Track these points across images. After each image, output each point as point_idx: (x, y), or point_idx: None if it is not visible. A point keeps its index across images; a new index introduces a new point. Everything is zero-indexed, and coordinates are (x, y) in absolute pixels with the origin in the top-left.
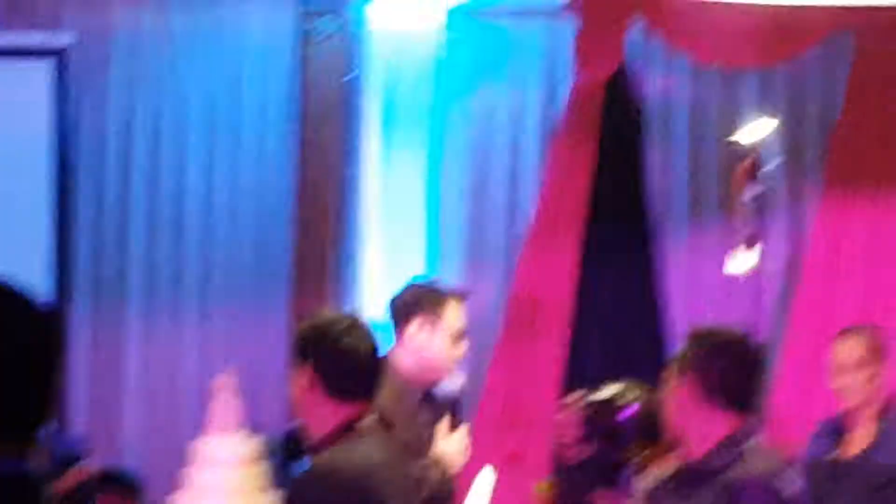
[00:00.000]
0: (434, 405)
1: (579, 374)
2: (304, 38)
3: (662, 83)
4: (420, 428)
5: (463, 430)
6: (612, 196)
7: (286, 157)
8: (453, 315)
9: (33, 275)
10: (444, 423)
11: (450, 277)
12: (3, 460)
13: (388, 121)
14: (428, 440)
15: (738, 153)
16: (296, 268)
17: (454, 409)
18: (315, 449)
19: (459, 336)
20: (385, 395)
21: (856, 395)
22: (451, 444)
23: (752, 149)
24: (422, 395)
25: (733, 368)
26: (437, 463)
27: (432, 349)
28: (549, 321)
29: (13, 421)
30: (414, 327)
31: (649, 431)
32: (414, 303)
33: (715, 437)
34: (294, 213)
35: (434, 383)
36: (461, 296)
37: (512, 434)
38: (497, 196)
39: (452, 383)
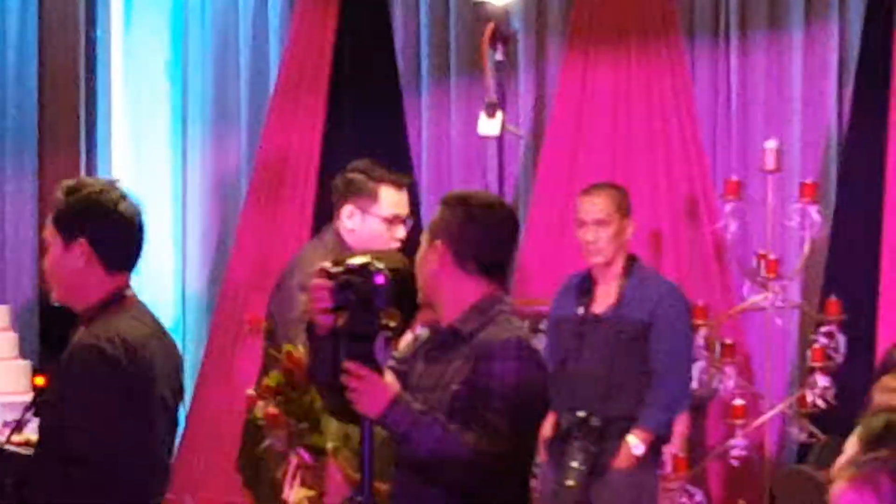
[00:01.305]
0: None
1: None
2: None
3: None
4: None
5: None
6: (358, 57)
7: (27, 23)
8: (386, 201)
9: None
10: None
11: (195, 142)
12: None
13: None
14: None
15: (482, 15)
16: (42, 133)
17: None
18: (87, 320)
19: (395, 220)
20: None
21: (602, 251)
22: None
23: (496, 12)
24: None
25: (485, 235)
26: None
27: (364, 234)
28: (296, 182)
29: None
30: (345, 212)
31: (403, 298)
32: (345, 189)
33: (466, 302)
34: (38, 78)
35: None
36: (397, 182)
37: (260, 295)
38: (241, 58)
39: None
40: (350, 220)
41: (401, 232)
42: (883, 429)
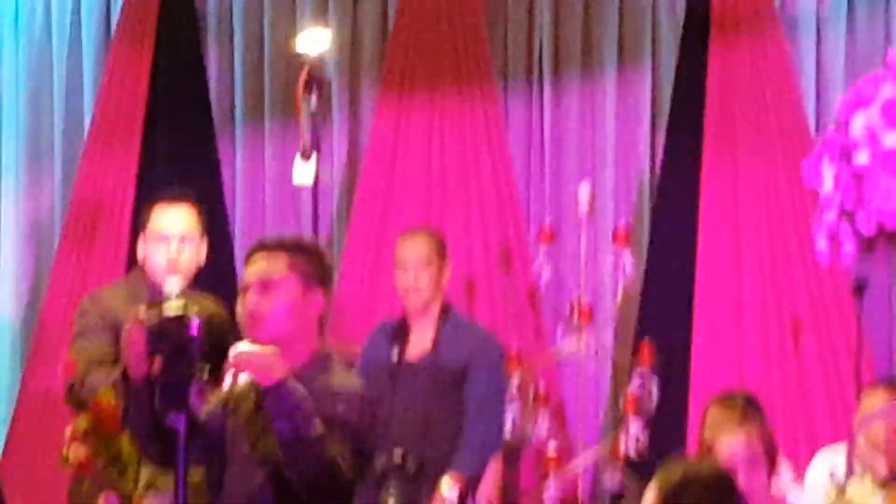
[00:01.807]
0: None
1: None
2: None
3: None
4: None
5: None
6: (172, 100)
7: None
8: (154, 222)
9: None
10: None
11: (8, 183)
12: None
13: None
14: None
15: (296, 60)
16: None
17: None
18: None
19: (162, 238)
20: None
21: (422, 294)
22: None
23: (310, 57)
24: None
25: (328, 273)
26: None
27: (149, 261)
28: (110, 224)
29: None
30: (138, 247)
31: (215, 345)
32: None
33: (312, 349)
34: None
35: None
36: (163, 199)
37: None
38: (55, 99)
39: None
40: (140, 252)
41: (168, 251)
42: (680, 480)
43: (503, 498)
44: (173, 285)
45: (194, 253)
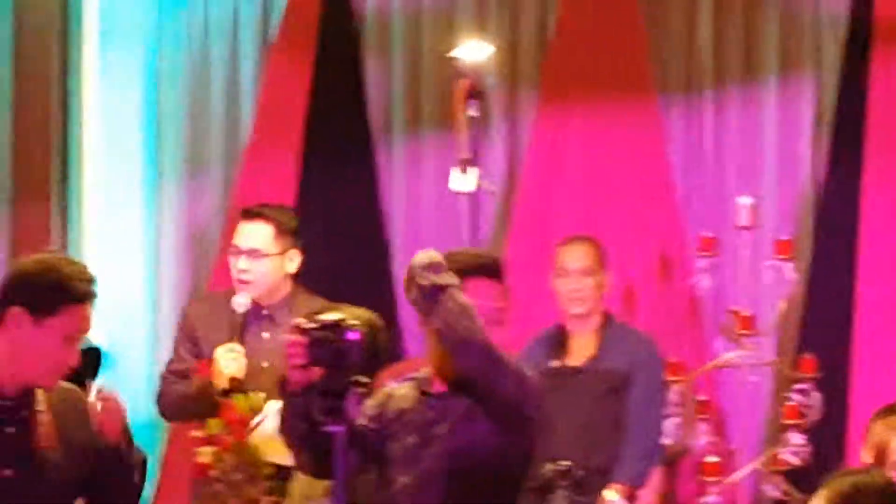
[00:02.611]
0: None
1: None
2: None
3: None
4: None
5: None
6: (331, 111)
7: (1, 76)
8: (234, 236)
9: None
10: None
11: (170, 190)
12: None
13: (106, 36)
14: None
15: (455, 70)
16: (16, 185)
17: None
18: None
19: (233, 254)
20: None
21: (586, 301)
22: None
23: (470, 68)
24: None
25: None
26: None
27: None
28: None
29: None
30: None
31: (372, 354)
32: None
33: None
34: (12, 129)
35: None
36: (243, 215)
37: None
38: (214, 111)
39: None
40: None
41: (239, 264)
42: (850, 491)
43: None
44: (239, 303)
45: (267, 268)
